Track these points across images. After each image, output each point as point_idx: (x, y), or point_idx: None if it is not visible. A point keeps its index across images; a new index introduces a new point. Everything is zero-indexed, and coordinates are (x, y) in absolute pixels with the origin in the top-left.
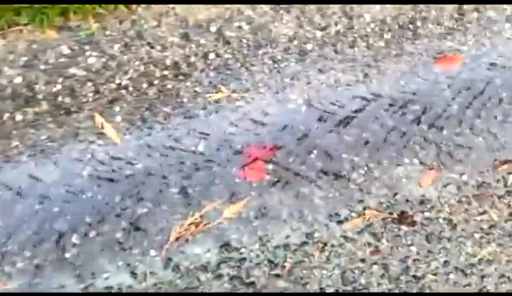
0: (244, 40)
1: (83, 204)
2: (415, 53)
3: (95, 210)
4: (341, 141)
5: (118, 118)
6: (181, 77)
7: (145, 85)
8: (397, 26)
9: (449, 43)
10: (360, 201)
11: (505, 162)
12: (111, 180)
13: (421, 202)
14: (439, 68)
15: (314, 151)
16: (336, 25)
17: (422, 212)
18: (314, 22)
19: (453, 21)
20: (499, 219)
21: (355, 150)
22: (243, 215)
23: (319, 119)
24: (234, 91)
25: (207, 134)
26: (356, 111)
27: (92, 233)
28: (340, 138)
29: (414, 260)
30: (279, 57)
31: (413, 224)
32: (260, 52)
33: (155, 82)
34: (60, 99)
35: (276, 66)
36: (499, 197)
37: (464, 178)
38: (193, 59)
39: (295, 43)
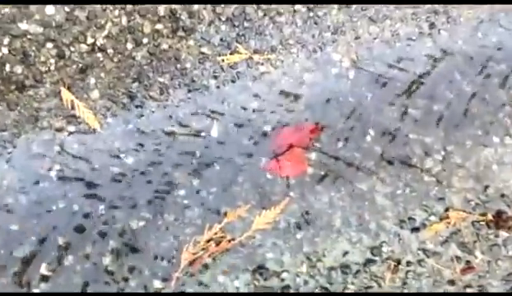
0: None
1: (52, 218)
2: None
3: (70, 226)
4: (405, 117)
5: (95, 94)
6: (181, 33)
7: (130, 46)
8: None
9: None
10: (440, 199)
11: None
12: (90, 183)
13: None
14: None
15: (371, 132)
16: None
17: None
18: None
19: None
20: None
21: (425, 129)
22: (280, 224)
23: (374, 87)
24: (256, 52)
25: (222, 113)
26: (422, 75)
27: (68, 260)
28: (404, 112)
29: None
30: (312, 4)
31: None
32: None
33: (145, 41)
34: (8, 68)
35: (311, 15)
36: None
37: None
38: (196, 7)
39: None
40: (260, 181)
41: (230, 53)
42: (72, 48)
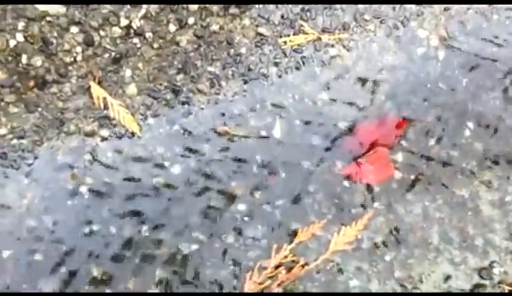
0: None
1: (85, 244)
2: None
3: (108, 253)
4: (510, 105)
5: (132, 89)
6: (234, 10)
7: (173, 28)
8: None
9: None
10: None
11: None
12: (130, 199)
13: None
14: None
15: (469, 124)
16: None
17: None
18: None
19: None
20: None
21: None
22: (364, 243)
23: (469, 70)
24: (324, 31)
25: (285, 108)
26: None
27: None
28: (507, 98)
29: None
30: None
31: None
32: None
33: (190, 21)
34: (25, 60)
35: None
36: None
37: None
38: None
39: None
40: (336, 190)
41: (294, 34)
42: (103, 33)
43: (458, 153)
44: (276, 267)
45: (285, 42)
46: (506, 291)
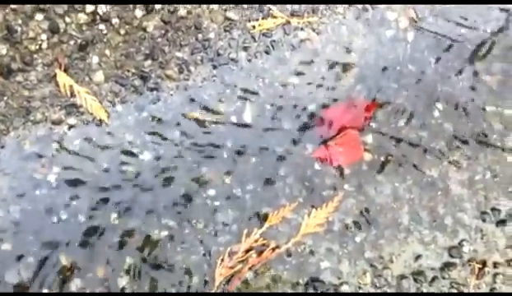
0: None
1: (54, 233)
2: None
3: (76, 241)
4: (479, 85)
5: (99, 76)
6: None
7: (139, 13)
8: None
9: None
10: None
11: None
12: (98, 187)
13: None
14: None
15: (438, 105)
16: None
17: None
18: None
19: None
20: None
21: (504, 98)
22: (335, 225)
23: (438, 51)
24: (293, 14)
25: (255, 93)
26: (495, 32)
27: (75, 285)
28: (477, 79)
29: None
30: None
31: None
32: None
33: (157, 7)
34: None
35: None
36: None
37: None
38: None
39: None
40: (307, 173)
41: (263, 18)
42: (68, 20)
43: (428, 133)
44: (247, 251)
45: (254, 26)
46: (476, 269)
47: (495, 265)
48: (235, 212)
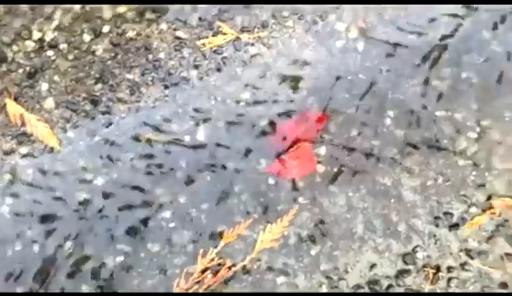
0: None
1: (7, 264)
2: None
3: (31, 272)
4: (429, 91)
5: (49, 103)
6: (150, 16)
7: (87, 38)
8: None
9: None
10: (480, 186)
11: None
12: (52, 216)
13: None
14: None
15: (390, 113)
16: None
17: None
18: None
19: None
20: None
21: (454, 103)
22: (290, 239)
23: (389, 59)
24: (243, 30)
25: (208, 111)
26: (444, 38)
27: None
28: (427, 85)
29: None
30: None
31: None
32: None
33: (105, 30)
34: None
35: None
36: None
37: None
38: None
39: None
40: (261, 188)
41: (213, 35)
42: (15, 48)
43: (380, 142)
44: (203, 271)
45: (204, 44)
46: (430, 274)
47: (449, 269)
48: (190, 232)
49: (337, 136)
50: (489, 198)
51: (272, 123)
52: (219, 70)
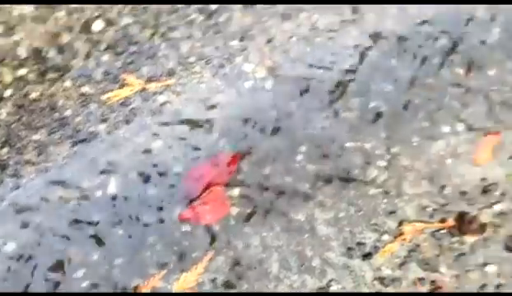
0: None
1: None
2: None
3: None
4: (338, 123)
5: None
6: (52, 75)
7: None
8: None
9: None
10: (391, 213)
11: None
12: None
13: (485, 190)
14: None
15: (301, 148)
16: None
17: (490, 206)
18: None
19: None
20: None
21: (363, 133)
22: (205, 285)
23: (297, 95)
24: (150, 80)
25: (119, 163)
26: (350, 70)
27: None
28: (336, 117)
29: (497, 286)
30: (212, 7)
31: (482, 229)
32: (179, 4)
33: (8, 93)
34: None
35: (211, 23)
36: None
37: None
38: (66, 39)
39: None
40: (176, 237)
41: (119, 88)
42: None
43: (292, 178)
44: None
45: (109, 98)
46: None
47: None
48: (104, 289)
49: (250, 176)
50: (400, 224)
51: (184, 170)
52: (128, 122)
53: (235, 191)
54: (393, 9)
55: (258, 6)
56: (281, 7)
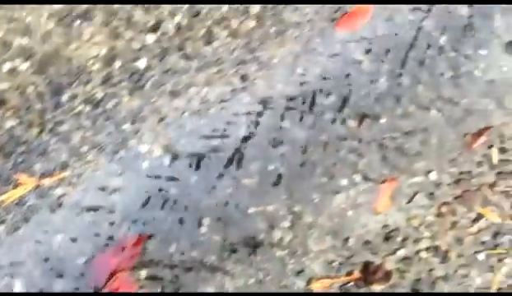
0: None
1: None
2: (302, 21)
3: None
4: (239, 190)
5: None
6: None
7: None
8: None
9: None
10: (299, 273)
11: (479, 133)
12: None
13: (387, 238)
14: (343, 31)
15: (204, 221)
16: (173, 16)
17: (394, 253)
18: (137, 22)
19: None
20: (502, 219)
21: (265, 197)
22: None
23: (196, 168)
24: (44, 175)
25: (21, 264)
26: (246, 136)
27: None
28: (238, 185)
29: None
30: (98, 96)
31: (387, 277)
32: (64, 98)
33: None
34: None
35: (99, 111)
36: (490, 186)
37: (432, 176)
38: None
39: (118, 63)
40: None
41: (13, 188)
42: None
43: (198, 252)
44: None
45: (3, 200)
46: None
47: None
48: None
49: (156, 255)
50: (309, 283)
51: (89, 260)
52: (26, 220)
53: (143, 273)
54: (281, 71)
55: (146, 88)
56: (169, 85)
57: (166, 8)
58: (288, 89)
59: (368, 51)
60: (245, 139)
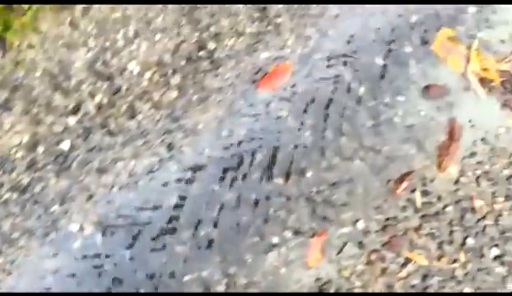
0: None
1: None
2: (224, 86)
3: None
4: (173, 259)
5: None
6: None
7: None
8: (183, 61)
9: (265, 55)
10: None
11: (402, 178)
12: None
13: (320, 291)
14: (264, 91)
15: (140, 291)
16: (93, 96)
17: None
18: (57, 107)
19: (257, 24)
20: (429, 261)
21: (199, 262)
22: None
23: (130, 241)
24: None
25: None
26: (177, 205)
27: None
28: (172, 254)
29: None
30: (24, 182)
31: None
32: None
33: None
34: None
35: (26, 197)
36: (415, 230)
37: (360, 225)
38: None
39: (41, 148)
40: None
41: None
42: None
43: None
44: None
45: None
46: None
47: None
48: None
49: None
50: None
51: None
52: None
53: None
54: (207, 136)
55: (72, 168)
56: (95, 163)
57: (85, 90)
58: (215, 153)
59: (290, 108)
60: (176, 207)
